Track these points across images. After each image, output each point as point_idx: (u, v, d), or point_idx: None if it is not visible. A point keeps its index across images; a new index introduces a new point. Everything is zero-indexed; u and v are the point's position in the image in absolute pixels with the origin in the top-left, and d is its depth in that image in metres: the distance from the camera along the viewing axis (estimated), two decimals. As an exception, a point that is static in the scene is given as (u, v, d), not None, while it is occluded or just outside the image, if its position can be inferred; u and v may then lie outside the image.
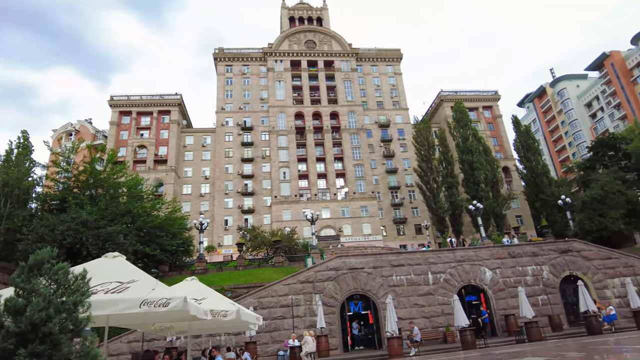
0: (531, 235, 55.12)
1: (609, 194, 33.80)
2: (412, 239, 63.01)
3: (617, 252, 26.75)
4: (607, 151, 51.20)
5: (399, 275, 24.31)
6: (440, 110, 75.95)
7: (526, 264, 25.24)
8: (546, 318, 23.36)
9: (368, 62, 78.69)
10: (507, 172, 68.38)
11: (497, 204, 52.57)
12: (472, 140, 55.92)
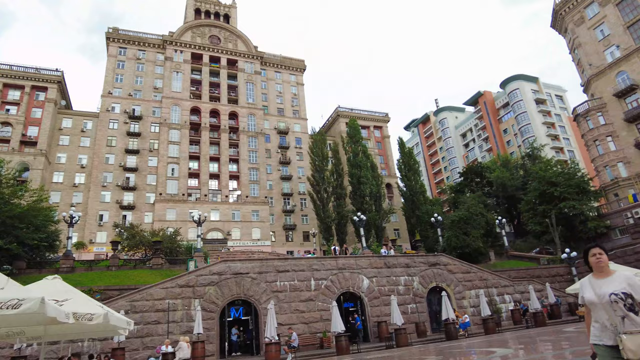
0: (406, 248, 59.89)
1: (472, 215, 38.38)
2: (300, 246, 64.23)
3: (475, 267, 30.38)
4: (475, 177, 58.23)
5: (284, 280, 24.56)
6: (336, 125, 79.13)
7: (400, 274, 27.34)
8: (413, 325, 25.52)
9: (272, 67, 78.96)
10: (389, 188, 73.63)
11: (379, 217, 56.23)
12: (362, 156, 59.25)
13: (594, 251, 3.89)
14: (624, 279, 3.62)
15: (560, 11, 55.29)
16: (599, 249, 3.90)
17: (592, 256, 3.88)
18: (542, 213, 40.92)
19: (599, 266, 3.84)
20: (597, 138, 47.85)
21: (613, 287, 3.61)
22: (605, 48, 49.92)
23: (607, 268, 3.80)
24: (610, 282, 3.67)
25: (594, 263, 3.86)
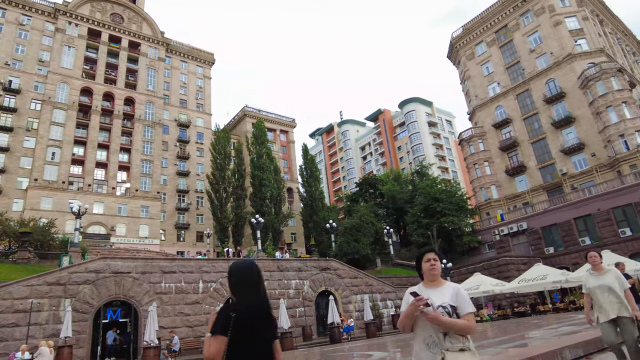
0: (301, 252, 60.86)
1: (364, 224, 40.42)
2: (192, 246, 61.62)
3: (362, 273, 31.91)
4: (369, 188, 61.43)
5: (169, 282, 23.30)
6: (242, 124, 77.87)
7: (292, 278, 27.62)
8: (300, 328, 25.91)
9: (178, 56, 75.12)
10: (290, 192, 74.36)
11: (278, 221, 56.40)
12: (266, 159, 59.05)
13: (428, 256, 3.25)
14: (453, 291, 3.12)
15: (456, 44, 61.19)
16: (434, 254, 3.30)
17: (427, 262, 3.23)
18: (426, 226, 44.54)
19: (431, 274, 3.20)
20: (477, 162, 53.64)
21: (442, 299, 3.05)
22: (489, 83, 56.38)
23: (439, 277, 3.23)
24: (440, 293, 3.10)
25: (427, 270, 3.21)
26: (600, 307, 5.72)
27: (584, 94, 45.13)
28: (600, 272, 5.91)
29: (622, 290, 5.62)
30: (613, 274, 5.79)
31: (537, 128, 49.98)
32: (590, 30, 49.06)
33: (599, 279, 5.84)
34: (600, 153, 43.26)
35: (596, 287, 5.79)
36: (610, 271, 5.85)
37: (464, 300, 3.09)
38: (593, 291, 5.86)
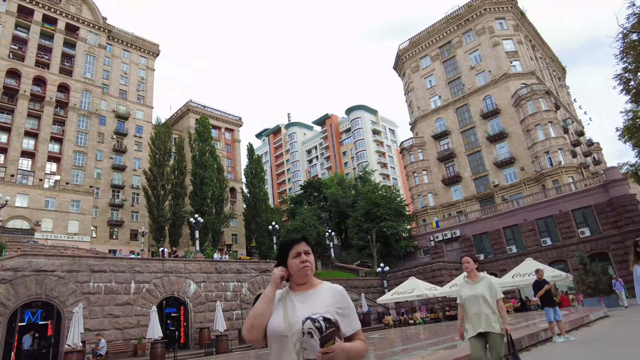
0: (241, 253, 59.89)
1: (306, 226, 40.60)
2: (126, 245, 58.56)
3: (302, 276, 31.92)
4: (313, 192, 61.80)
5: (98, 282, 21.98)
6: (185, 120, 75.43)
7: (230, 279, 27.07)
8: (237, 331, 25.43)
9: (121, 44, 71.38)
10: (233, 192, 73.00)
11: (218, 221, 55.07)
12: (209, 157, 57.44)
13: (298, 248, 2.17)
14: (332, 296, 2.14)
15: (402, 56, 63.33)
16: (305, 244, 2.23)
17: (295, 256, 2.17)
18: (366, 230, 45.54)
19: (304, 274, 2.17)
20: (416, 170, 55.73)
21: (312, 308, 2.05)
22: (431, 96, 58.88)
23: (312, 277, 2.20)
24: (311, 300, 2.11)
25: (297, 269, 2.17)
26: (470, 319, 5.10)
27: (517, 111, 48.44)
28: (474, 280, 5.25)
29: (493, 300, 5.04)
30: (486, 282, 5.16)
31: (473, 141, 52.89)
32: (524, 54, 52.80)
33: (472, 288, 5.20)
34: (528, 167, 46.60)
35: (469, 297, 5.15)
36: (484, 279, 5.21)
37: (350, 311, 2.10)
38: (465, 302, 5.21)
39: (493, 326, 4.92)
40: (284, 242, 2.26)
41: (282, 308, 2.10)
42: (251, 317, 2.07)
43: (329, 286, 2.20)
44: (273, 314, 2.08)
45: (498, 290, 5.12)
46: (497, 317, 4.98)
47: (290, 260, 2.18)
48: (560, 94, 61.05)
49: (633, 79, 22.51)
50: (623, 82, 22.86)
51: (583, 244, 34.76)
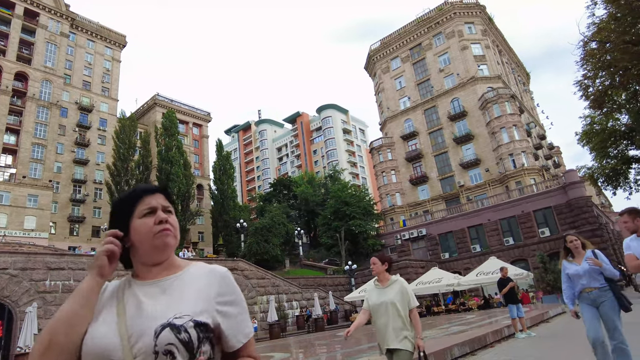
0: (208, 251, 58.89)
1: (275, 224, 40.27)
2: (87, 242, 56.44)
3: (270, 274, 31.69)
4: (283, 190, 61.46)
5: (56, 280, 21.01)
6: (152, 113, 73.39)
7: (196, 278, 26.44)
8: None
9: (85, 34, 68.60)
10: (200, 189, 71.66)
11: (184, 218, 53.94)
12: (176, 152, 56.13)
13: (149, 201, 1.37)
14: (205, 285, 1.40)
15: (374, 57, 63.84)
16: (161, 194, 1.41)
17: None
18: (335, 228, 45.68)
19: (162, 242, 1.33)
20: (385, 170, 56.35)
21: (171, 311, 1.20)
22: (401, 97, 59.65)
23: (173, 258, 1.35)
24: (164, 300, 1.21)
25: None
26: (379, 331, 4.11)
27: (483, 114, 49.74)
28: (383, 284, 4.22)
29: (405, 309, 4.03)
30: (397, 287, 4.14)
31: (440, 142, 53.96)
32: (491, 58, 54.27)
33: (380, 293, 4.17)
34: (493, 169, 47.95)
35: (377, 304, 4.12)
36: (395, 283, 4.18)
37: (240, 308, 1.29)
38: (374, 310, 4.16)
39: (402, 342, 3.91)
40: (125, 195, 1.35)
41: (116, 310, 1.19)
42: (47, 331, 1.10)
43: (202, 269, 1.31)
44: (95, 322, 1.16)
45: (412, 297, 4.13)
46: (409, 330, 3.97)
47: (136, 221, 1.28)
48: (524, 99, 63.14)
49: (592, 85, 23.46)
50: (583, 89, 23.78)
51: (543, 244, 36.06)
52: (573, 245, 4.99)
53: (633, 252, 4.32)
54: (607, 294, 4.69)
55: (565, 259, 5.10)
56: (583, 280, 4.83)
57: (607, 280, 4.73)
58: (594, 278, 4.76)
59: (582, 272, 4.81)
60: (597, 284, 4.75)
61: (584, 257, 4.89)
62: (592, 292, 4.77)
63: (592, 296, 4.77)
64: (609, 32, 21.27)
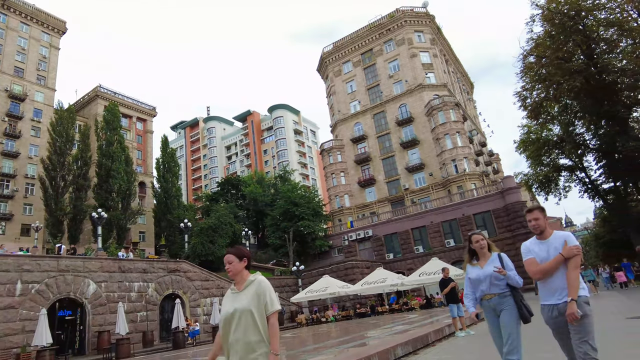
0: (149, 252, 56.47)
1: (222, 225, 39.33)
2: (15, 241, 52.18)
3: (215, 275, 30.88)
4: (231, 189, 60.27)
5: (-26, 282, 19.19)
6: (93, 106, 69.45)
7: (135, 279, 25.24)
8: (141, 334, 23.80)
9: (19, 16, 63.55)
10: (143, 187, 68.70)
11: (125, 217, 51.41)
12: (117, 147, 53.35)
13: None
14: None
15: (326, 59, 64.30)
16: None
17: None
18: (283, 229, 45.40)
19: None
20: (334, 172, 56.90)
21: None
22: (351, 101, 60.51)
23: None
24: None
25: None
26: (231, 349, 3.08)
27: (429, 120, 51.54)
28: (239, 288, 3.24)
29: (262, 316, 3.10)
30: (252, 290, 3.16)
31: (388, 146, 55.31)
32: (438, 67, 56.38)
33: (234, 300, 3.20)
34: (437, 173, 49.79)
35: (230, 315, 3.13)
36: (252, 285, 3.20)
37: None
38: (225, 322, 3.17)
39: None
40: None
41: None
42: None
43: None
44: None
45: (270, 300, 3.15)
46: (263, 345, 3.04)
47: None
48: (467, 107, 66.16)
49: (529, 97, 24.99)
50: (521, 99, 25.29)
51: (481, 246, 37.82)
52: (479, 246, 4.56)
53: (534, 256, 3.85)
54: (507, 301, 4.31)
55: (469, 262, 4.69)
56: (483, 286, 4.44)
57: (509, 285, 4.34)
58: (494, 284, 4.36)
59: (483, 277, 4.41)
60: (497, 289, 4.36)
61: (488, 260, 4.50)
62: (492, 299, 4.38)
63: (492, 304, 4.40)
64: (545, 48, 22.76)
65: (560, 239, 3.76)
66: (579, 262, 3.64)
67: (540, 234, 3.87)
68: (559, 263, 3.66)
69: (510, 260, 4.51)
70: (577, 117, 29.83)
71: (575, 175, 35.22)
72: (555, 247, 3.73)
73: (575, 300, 3.52)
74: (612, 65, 21.78)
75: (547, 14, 22.25)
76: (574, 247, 3.65)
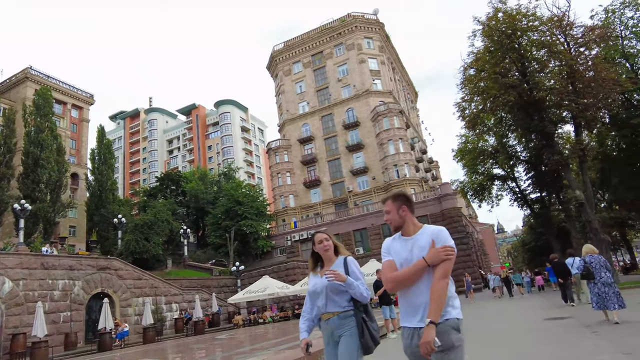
0: (80, 248, 53.00)
1: (158, 221, 37.73)
2: None
3: (148, 274, 29.55)
4: (171, 185, 58.06)
5: None
6: (21, 89, 64.05)
7: (59, 277, 23.54)
8: (63, 336, 22.22)
9: None
10: (75, 178, 64.32)
11: (53, 210, 47.85)
12: (48, 135, 49.54)
13: None
14: None
15: (276, 58, 63.84)
16: None
17: None
18: (225, 228, 44.40)
19: None
20: (280, 172, 56.58)
21: None
22: (300, 101, 60.52)
23: None
24: None
25: None
26: None
27: (374, 126, 52.70)
28: None
29: None
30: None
31: (334, 149, 55.91)
32: (385, 74, 57.83)
33: None
34: (379, 177, 51.01)
35: None
36: None
37: None
38: None
39: None
40: None
41: None
42: None
43: None
44: None
45: None
46: None
47: None
48: (411, 115, 68.40)
49: (468, 108, 26.22)
50: (460, 110, 26.48)
51: (418, 249, 39.20)
52: (322, 247, 3.39)
53: (394, 258, 2.75)
54: (348, 323, 3.15)
55: (312, 270, 3.49)
56: (319, 301, 3.28)
57: (355, 301, 3.21)
58: (332, 299, 3.21)
59: (320, 289, 3.25)
60: (337, 307, 3.20)
61: (332, 266, 3.36)
62: (330, 320, 3.21)
63: (330, 326, 3.21)
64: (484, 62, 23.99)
65: (428, 236, 2.67)
66: (448, 270, 2.55)
67: (396, 230, 2.85)
68: (421, 270, 2.56)
69: (357, 266, 3.39)
70: (511, 129, 31.82)
71: (507, 185, 37.58)
72: (420, 247, 2.64)
73: (436, 324, 2.41)
74: (542, 84, 23.41)
75: (487, 30, 23.50)
76: (442, 249, 2.57)
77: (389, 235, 12.91)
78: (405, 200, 2.83)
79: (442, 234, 2.70)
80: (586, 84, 22.07)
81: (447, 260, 2.55)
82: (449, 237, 2.71)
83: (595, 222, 22.33)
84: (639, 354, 5.91)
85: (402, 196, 2.85)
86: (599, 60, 23.31)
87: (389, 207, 2.83)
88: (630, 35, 27.97)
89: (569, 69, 22.42)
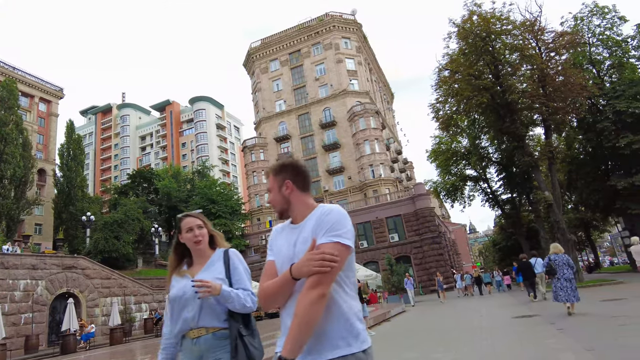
0: (46, 247, 51.15)
1: (129, 220, 36.74)
2: None
3: (117, 273, 28.73)
4: (143, 182, 56.71)
5: None
6: (-16, 80, 61.40)
7: (21, 277, 22.59)
8: (23, 338, 21.32)
9: None
10: (42, 175, 62.07)
11: (18, 207, 46.06)
12: (13, 129, 47.66)
13: None
14: None
15: (253, 55, 63.22)
16: None
17: None
18: (198, 227, 43.58)
19: None
20: (256, 170, 56.05)
21: None
22: (277, 99, 60.12)
23: None
24: None
25: None
26: None
27: (350, 126, 52.83)
28: None
29: None
30: None
31: (310, 148, 55.78)
32: (362, 74, 58.05)
33: None
34: (355, 177, 51.17)
35: None
36: None
37: None
38: None
39: None
40: None
41: None
42: None
43: None
44: None
45: None
46: None
47: None
48: (387, 116, 68.93)
49: (442, 109, 26.52)
50: (435, 111, 26.75)
51: (392, 248, 39.57)
52: (191, 237, 2.47)
53: (275, 256, 1.91)
54: (223, 345, 2.23)
55: (175, 270, 2.54)
56: (187, 312, 2.29)
57: (231, 316, 2.27)
58: (210, 309, 2.27)
59: (189, 295, 2.28)
60: (216, 321, 2.27)
61: (207, 262, 2.46)
62: (202, 339, 2.24)
63: (199, 347, 2.24)
64: (458, 64, 24.30)
65: (313, 223, 1.76)
66: (326, 279, 1.62)
67: (281, 216, 1.96)
68: (287, 284, 1.71)
69: (243, 262, 2.47)
70: (483, 131, 32.40)
71: (479, 186, 38.25)
72: (304, 239, 1.76)
73: None
74: (514, 87, 23.87)
75: (462, 32, 23.80)
76: (317, 254, 1.64)
77: (363, 235, 18.66)
78: (292, 172, 1.90)
79: (329, 219, 1.72)
80: (556, 88, 22.65)
81: (322, 272, 1.60)
82: (342, 222, 1.72)
83: (562, 223, 22.92)
84: (602, 349, 6.02)
85: (288, 166, 1.92)
86: (568, 65, 23.99)
87: (270, 184, 1.96)
88: (597, 43, 28.97)
89: (540, 72, 22.94)
